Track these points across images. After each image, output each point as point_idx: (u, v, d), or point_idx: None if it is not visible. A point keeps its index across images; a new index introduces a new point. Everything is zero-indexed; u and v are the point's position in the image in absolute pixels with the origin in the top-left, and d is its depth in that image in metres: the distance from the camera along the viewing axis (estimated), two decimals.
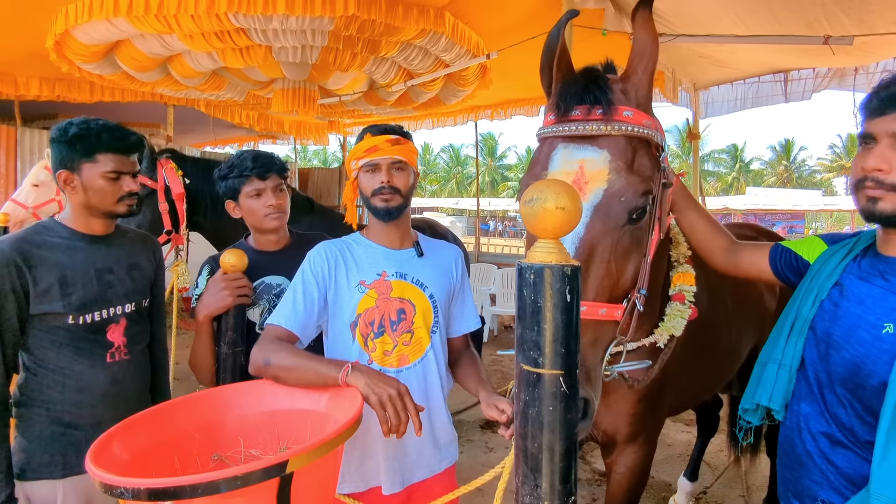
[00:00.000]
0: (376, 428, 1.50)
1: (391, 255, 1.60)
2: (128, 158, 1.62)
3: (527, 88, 6.99)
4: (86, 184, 1.57)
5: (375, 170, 1.55)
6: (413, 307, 1.56)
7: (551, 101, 1.33)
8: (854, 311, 1.19)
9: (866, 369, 1.13)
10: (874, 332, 1.13)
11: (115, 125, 1.60)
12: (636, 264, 1.28)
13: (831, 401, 1.22)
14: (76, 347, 1.57)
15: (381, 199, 1.54)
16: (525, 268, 0.70)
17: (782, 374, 1.32)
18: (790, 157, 40.56)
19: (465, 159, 48.41)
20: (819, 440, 1.24)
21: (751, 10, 3.36)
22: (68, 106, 7.56)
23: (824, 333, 1.24)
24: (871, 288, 1.18)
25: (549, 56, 1.33)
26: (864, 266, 1.23)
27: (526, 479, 0.70)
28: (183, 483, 0.91)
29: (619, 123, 1.24)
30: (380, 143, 1.54)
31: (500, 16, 4.73)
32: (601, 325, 1.21)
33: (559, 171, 1.26)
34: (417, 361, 1.56)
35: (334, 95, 6.33)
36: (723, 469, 3.65)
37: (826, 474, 1.22)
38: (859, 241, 1.29)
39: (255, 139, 11.10)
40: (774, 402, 1.33)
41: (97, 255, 1.63)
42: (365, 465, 1.54)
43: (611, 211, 1.22)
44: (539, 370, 0.68)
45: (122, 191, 1.61)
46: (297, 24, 4.19)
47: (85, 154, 1.55)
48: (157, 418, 1.27)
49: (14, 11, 4.55)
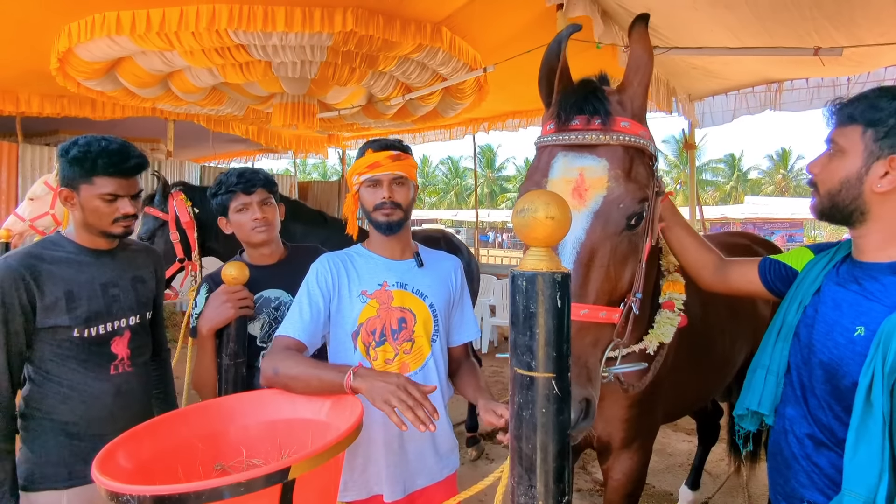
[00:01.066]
0: (378, 435, 1.52)
1: (392, 265, 1.63)
2: (126, 181, 1.63)
3: (524, 101, 7.07)
4: (83, 203, 1.60)
5: (377, 185, 1.59)
6: (413, 316, 1.59)
7: (551, 111, 1.37)
8: (831, 315, 1.23)
9: (841, 371, 1.17)
10: (847, 335, 1.17)
11: (119, 147, 1.62)
12: (633, 269, 1.32)
13: (813, 403, 1.25)
14: (81, 359, 1.60)
15: (382, 213, 1.58)
16: (518, 275, 0.73)
17: (770, 380, 1.36)
18: (787, 166, 40.75)
19: (464, 171, 48.61)
20: (804, 442, 1.27)
21: (742, 24, 3.43)
22: (70, 122, 7.62)
23: (806, 338, 1.28)
24: (846, 293, 1.22)
25: (548, 68, 1.36)
26: (841, 272, 1.27)
27: (521, 480, 0.72)
28: (187, 490, 0.93)
29: (617, 133, 1.28)
30: (381, 159, 1.58)
31: (496, 30, 4.80)
32: (601, 328, 1.25)
33: (560, 178, 1.29)
34: (418, 369, 1.58)
35: (333, 109, 6.40)
36: (724, 478, 3.65)
37: (811, 476, 1.25)
38: (840, 249, 1.34)
39: (255, 153, 11.17)
40: (763, 407, 1.37)
41: (102, 270, 1.66)
42: (367, 473, 1.55)
43: (610, 217, 1.26)
44: (532, 373, 0.71)
45: (118, 212, 1.62)
46: (297, 40, 4.26)
47: (83, 176, 1.58)
48: (160, 428, 1.29)
49: (16, 29, 4.62)
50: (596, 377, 1.22)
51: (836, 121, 1.23)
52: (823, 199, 1.24)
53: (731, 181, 41.71)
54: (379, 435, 1.53)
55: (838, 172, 1.21)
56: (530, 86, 2.11)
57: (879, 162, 1.15)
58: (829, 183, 1.22)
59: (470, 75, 5.08)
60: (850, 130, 1.19)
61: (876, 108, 1.15)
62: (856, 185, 1.18)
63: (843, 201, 1.20)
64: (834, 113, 1.24)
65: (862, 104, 1.18)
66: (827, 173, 1.23)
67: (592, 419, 1.18)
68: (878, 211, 1.18)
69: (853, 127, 1.19)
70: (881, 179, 1.15)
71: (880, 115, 1.15)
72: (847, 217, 1.22)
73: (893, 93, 1.16)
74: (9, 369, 1.50)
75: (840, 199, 1.21)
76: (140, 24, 4.04)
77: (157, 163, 8.09)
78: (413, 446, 1.57)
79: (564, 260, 1.25)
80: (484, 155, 45.42)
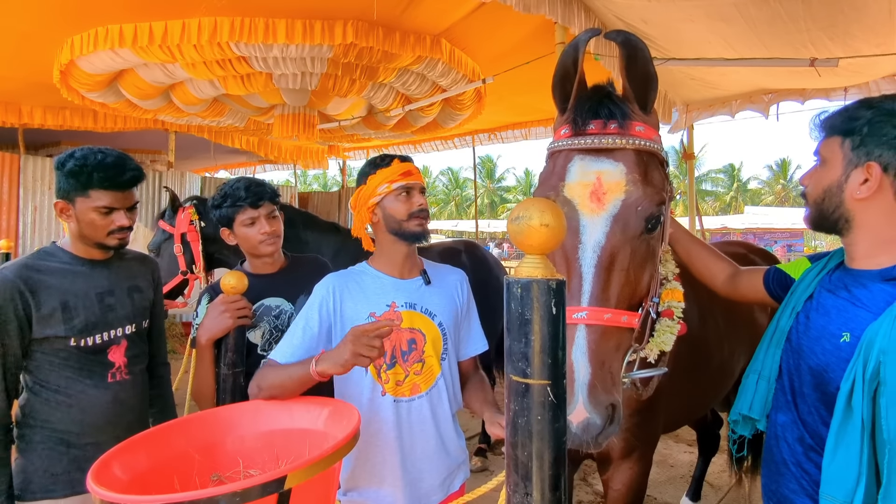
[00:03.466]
0: (392, 457, 1.51)
1: (400, 285, 1.61)
2: (121, 194, 1.62)
3: (523, 112, 7.11)
4: (79, 216, 1.60)
5: (410, 193, 1.58)
6: (423, 336, 1.58)
7: (565, 116, 1.36)
8: (820, 321, 1.24)
9: (827, 377, 1.18)
10: (834, 341, 1.18)
11: (115, 160, 1.61)
12: (650, 273, 1.32)
13: (803, 409, 1.26)
14: (78, 368, 1.60)
15: (417, 222, 1.57)
16: (512, 282, 0.73)
17: (762, 385, 1.37)
18: (787, 176, 40.83)
19: (464, 182, 48.71)
20: (794, 448, 1.27)
21: (739, 36, 3.46)
22: (72, 134, 7.67)
23: (797, 344, 1.30)
24: (835, 300, 1.24)
25: (563, 72, 1.35)
26: (833, 279, 1.29)
27: (517, 488, 0.72)
28: (182, 499, 0.93)
29: (633, 138, 1.28)
30: (412, 168, 1.59)
31: (494, 42, 4.85)
32: (623, 332, 1.24)
33: (577, 182, 1.28)
34: (429, 389, 1.57)
35: (334, 120, 6.44)
36: (726, 490, 3.62)
37: (800, 481, 1.25)
38: (833, 257, 1.36)
39: (256, 164, 11.22)
40: (754, 412, 1.38)
41: (98, 279, 1.66)
42: (382, 493, 1.54)
43: (629, 220, 1.25)
44: (527, 380, 0.71)
45: (114, 225, 1.62)
46: (297, 52, 4.30)
47: (79, 189, 1.57)
48: (156, 439, 1.29)
49: (19, 41, 4.66)
50: (619, 382, 1.22)
51: (823, 133, 1.26)
52: (812, 210, 1.28)
53: (731, 191, 41.77)
54: (393, 457, 1.52)
55: (822, 182, 1.24)
56: (529, 96, 2.08)
57: (858, 169, 1.18)
58: (815, 193, 1.26)
59: (469, 86, 5.12)
60: (832, 141, 1.23)
61: (853, 118, 1.19)
62: (837, 193, 1.21)
63: (827, 209, 1.24)
64: (818, 126, 1.27)
65: (841, 115, 1.22)
66: (813, 184, 1.27)
67: (619, 424, 1.17)
68: (862, 218, 1.20)
69: (834, 138, 1.22)
70: (860, 186, 1.17)
71: (856, 124, 1.18)
72: (834, 225, 1.25)
73: (870, 102, 1.19)
74: (4, 380, 1.50)
75: (825, 208, 1.24)
76: (142, 36, 4.08)
77: (159, 174, 8.13)
78: (427, 464, 1.57)
79: (584, 264, 1.23)
80: (484, 165, 45.56)
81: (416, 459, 1.55)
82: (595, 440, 1.13)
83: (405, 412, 1.54)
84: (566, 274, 1.25)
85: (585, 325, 1.18)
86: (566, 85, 1.35)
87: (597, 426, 1.12)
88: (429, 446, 1.56)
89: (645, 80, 1.29)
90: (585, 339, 1.18)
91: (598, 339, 1.18)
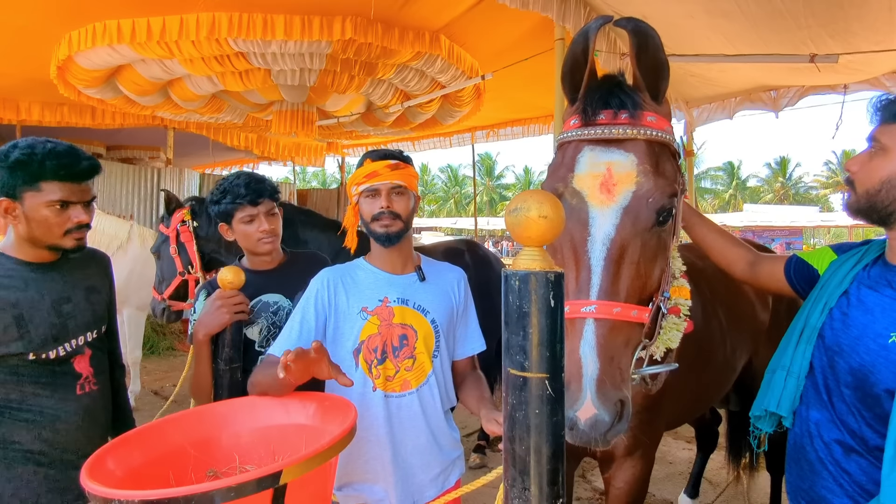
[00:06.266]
0: (384, 452, 1.51)
1: (393, 280, 1.60)
2: (78, 186, 1.44)
3: (522, 109, 7.10)
4: (29, 214, 1.40)
5: (375, 195, 1.56)
6: (415, 333, 1.56)
7: (576, 106, 1.32)
8: (862, 319, 1.19)
9: (873, 378, 1.13)
10: (881, 340, 1.13)
11: (67, 149, 1.44)
12: (661, 267, 1.27)
13: (840, 408, 1.21)
14: (43, 382, 1.46)
15: (380, 224, 1.55)
16: (510, 274, 0.72)
17: (790, 381, 1.32)
18: (786, 174, 40.87)
19: (463, 179, 48.74)
20: (832, 448, 1.23)
21: (739, 33, 3.45)
22: (70, 131, 7.64)
23: (832, 341, 1.24)
24: (879, 297, 1.19)
25: (573, 61, 1.30)
26: (873, 275, 1.23)
27: (514, 483, 0.71)
28: (177, 494, 0.92)
29: (645, 128, 1.24)
30: (379, 168, 1.56)
31: (493, 38, 4.83)
32: (632, 327, 1.19)
33: (586, 173, 1.24)
34: (420, 386, 1.56)
35: (332, 117, 6.42)
36: (724, 486, 3.62)
37: (839, 481, 1.21)
38: (869, 250, 1.30)
39: (254, 161, 11.20)
40: (782, 409, 1.33)
41: (51, 285, 1.49)
42: (375, 488, 1.54)
43: (640, 212, 1.20)
44: (525, 374, 0.70)
45: (71, 222, 1.44)
46: (296, 48, 4.28)
47: (27, 181, 1.38)
48: (151, 435, 1.27)
49: (16, 37, 4.64)
50: (628, 378, 1.18)
51: (881, 118, 1.18)
52: (861, 198, 1.20)
53: (730, 189, 41.80)
54: (387, 453, 1.52)
55: (879, 171, 1.16)
56: (528, 93, 2.06)
57: None
58: (869, 182, 1.18)
59: (468, 82, 5.11)
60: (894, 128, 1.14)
61: None
62: None
63: (883, 202, 1.16)
64: (879, 109, 1.19)
65: None
66: (866, 172, 1.18)
67: (627, 422, 1.13)
68: None
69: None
70: None
71: None
72: (885, 218, 1.18)
73: None
74: None
75: (879, 200, 1.17)
76: (140, 32, 4.07)
77: (157, 171, 8.11)
78: (418, 460, 1.56)
79: (594, 257, 1.19)
80: (483, 163, 45.55)
81: (406, 455, 1.54)
82: (604, 437, 1.09)
83: (395, 408, 1.53)
84: (574, 267, 1.21)
85: (594, 319, 1.14)
86: (576, 74, 1.30)
87: (605, 423, 1.08)
88: (420, 442, 1.55)
89: (656, 68, 1.25)
90: (594, 333, 1.13)
91: (607, 333, 1.13)
